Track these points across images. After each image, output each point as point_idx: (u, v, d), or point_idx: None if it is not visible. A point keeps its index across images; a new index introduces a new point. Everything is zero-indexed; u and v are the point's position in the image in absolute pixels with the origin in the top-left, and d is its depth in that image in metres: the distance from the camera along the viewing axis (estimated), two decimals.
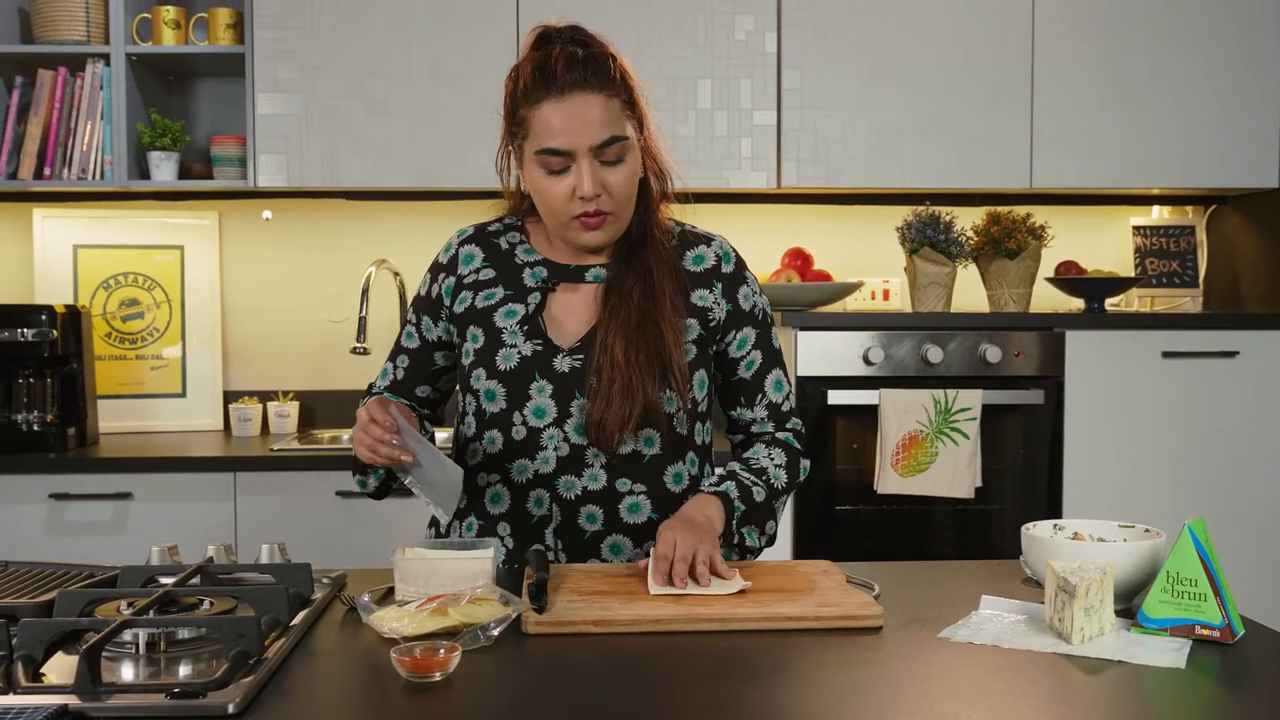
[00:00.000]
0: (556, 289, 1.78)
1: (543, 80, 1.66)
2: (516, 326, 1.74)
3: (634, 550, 1.77)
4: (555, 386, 1.72)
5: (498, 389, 1.74)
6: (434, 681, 1.24)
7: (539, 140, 1.67)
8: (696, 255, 1.82)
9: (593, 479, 1.74)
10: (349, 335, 3.37)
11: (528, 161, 1.71)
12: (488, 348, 1.75)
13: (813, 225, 3.56)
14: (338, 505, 2.91)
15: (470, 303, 1.79)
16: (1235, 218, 3.58)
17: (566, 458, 1.73)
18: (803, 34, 3.20)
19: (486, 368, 1.75)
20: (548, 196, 1.69)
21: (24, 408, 3.05)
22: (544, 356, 1.73)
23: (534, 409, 1.72)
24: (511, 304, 1.77)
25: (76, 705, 1.13)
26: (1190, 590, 1.41)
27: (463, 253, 1.83)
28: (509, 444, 1.75)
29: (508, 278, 1.79)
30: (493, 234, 1.86)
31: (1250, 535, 3.07)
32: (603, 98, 1.67)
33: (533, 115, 1.67)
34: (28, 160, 3.18)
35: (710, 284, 1.80)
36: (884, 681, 1.27)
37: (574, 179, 1.67)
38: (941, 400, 2.95)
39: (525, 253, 1.82)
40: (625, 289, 1.72)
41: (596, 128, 1.65)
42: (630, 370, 1.67)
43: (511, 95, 1.71)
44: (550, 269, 1.79)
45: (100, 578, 1.58)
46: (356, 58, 3.16)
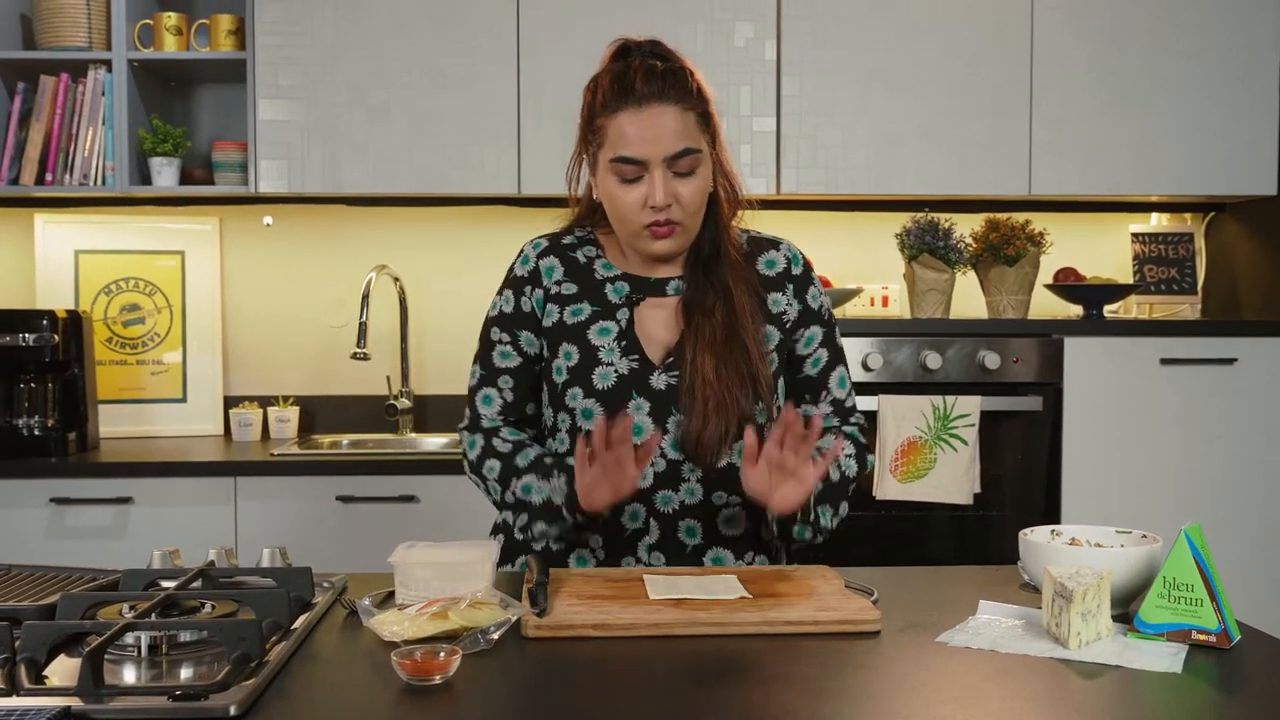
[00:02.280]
0: (641, 304, 1.80)
1: (621, 90, 1.70)
2: (614, 344, 1.76)
3: (735, 561, 1.79)
4: (652, 404, 1.74)
5: (595, 407, 1.74)
6: (434, 685, 1.25)
7: (614, 149, 1.69)
8: (768, 260, 1.85)
9: (689, 493, 1.76)
10: (349, 341, 3.38)
11: (601, 170, 1.73)
12: (583, 365, 1.75)
13: (812, 232, 3.56)
14: (338, 510, 2.91)
15: (558, 317, 1.79)
16: (1234, 225, 3.58)
17: (663, 473, 1.75)
18: (802, 41, 3.21)
19: (583, 386, 1.75)
20: (619, 204, 1.72)
21: (25, 412, 3.06)
22: (640, 374, 1.75)
23: (632, 426, 1.69)
24: (603, 321, 1.78)
25: (79, 707, 1.14)
26: (1187, 595, 1.42)
27: (543, 265, 1.82)
28: None
29: (591, 293, 1.80)
30: (568, 247, 1.84)
31: (1247, 541, 3.07)
32: (679, 110, 1.69)
33: (610, 124, 1.70)
34: (29, 166, 3.19)
35: (783, 287, 1.83)
36: (882, 686, 1.27)
37: (646, 188, 1.69)
38: (940, 406, 2.96)
39: (604, 267, 1.82)
40: (707, 306, 1.75)
41: (671, 139, 1.68)
42: (723, 387, 1.70)
43: (590, 104, 1.75)
44: (632, 283, 1.80)
45: (102, 581, 1.59)
46: (357, 64, 3.17)
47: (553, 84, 3.18)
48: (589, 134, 1.75)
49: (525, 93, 3.18)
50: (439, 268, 3.54)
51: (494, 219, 3.53)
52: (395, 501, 2.92)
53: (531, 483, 1.74)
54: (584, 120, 1.76)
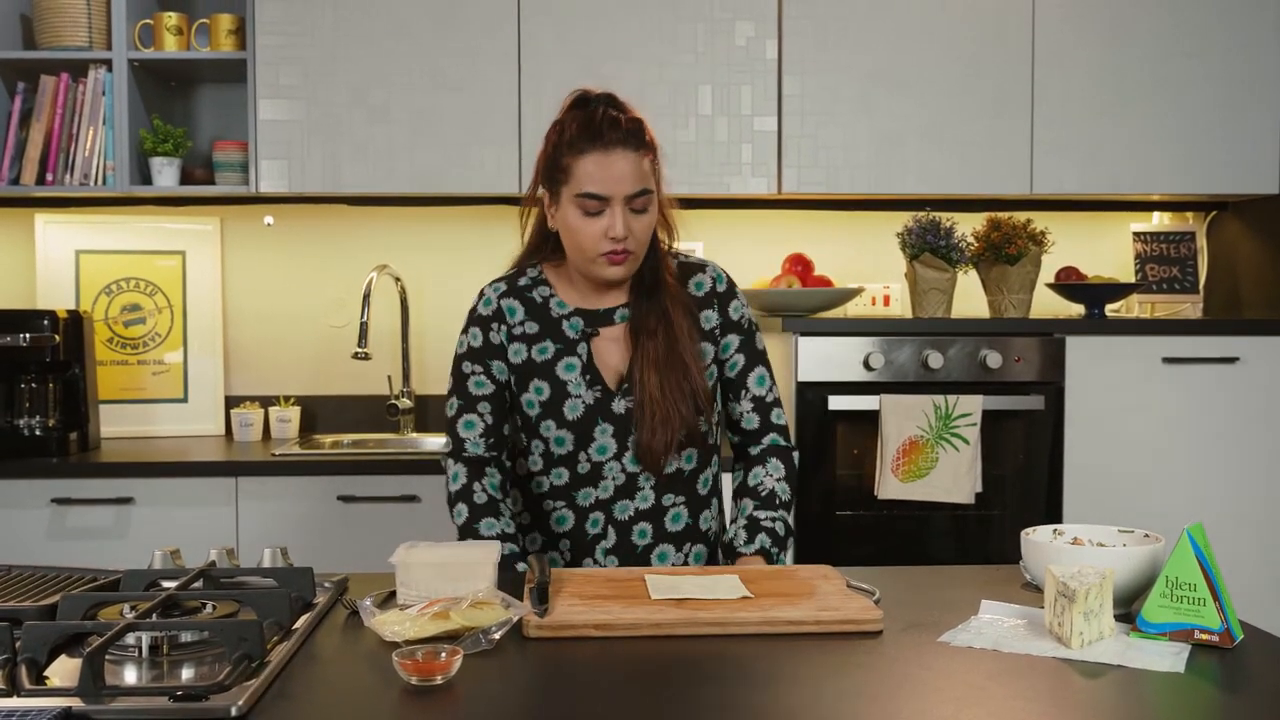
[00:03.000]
0: (595, 336, 1.99)
1: (589, 134, 1.89)
2: (579, 378, 1.96)
3: (676, 554, 2.00)
4: (615, 426, 1.95)
5: (566, 435, 1.95)
6: (436, 685, 1.25)
7: (580, 185, 1.88)
8: (697, 282, 2.05)
9: (643, 499, 1.98)
10: (350, 340, 3.38)
11: (565, 204, 1.92)
12: (554, 400, 1.95)
13: (813, 231, 3.56)
14: (339, 509, 2.91)
15: (526, 355, 1.98)
16: (1235, 223, 3.58)
17: (623, 485, 1.97)
18: (803, 40, 3.21)
19: (555, 418, 1.95)
20: (581, 235, 1.91)
21: (26, 413, 3.06)
22: (603, 402, 1.95)
23: (597, 448, 1.95)
24: (567, 357, 1.97)
25: (80, 708, 1.14)
26: (1189, 595, 1.42)
27: (504, 305, 2.00)
28: (575, 477, 1.97)
29: (551, 330, 1.99)
30: (525, 288, 2.02)
31: (1250, 540, 3.07)
32: (637, 156, 1.90)
33: (576, 163, 1.89)
34: (30, 166, 3.19)
35: (711, 304, 2.04)
36: (884, 685, 1.27)
37: (607, 221, 1.89)
38: (942, 406, 2.96)
39: (558, 305, 2.00)
40: (650, 328, 1.96)
41: (631, 181, 1.88)
42: (667, 402, 1.91)
43: (555, 145, 1.93)
44: (585, 317, 1.99)
45: (103, 581, 1.59)
46: (358, 64, 3.17)
47: (553, 83, 3.18)
48: (555, 172, 1.93)
49: (526, 92, 3.18)
50: (440, 267, 3.54)
51: (495, 219, 3.53)
52: (396, 501, 2.92)
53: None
54: (547, 159, 1.95)
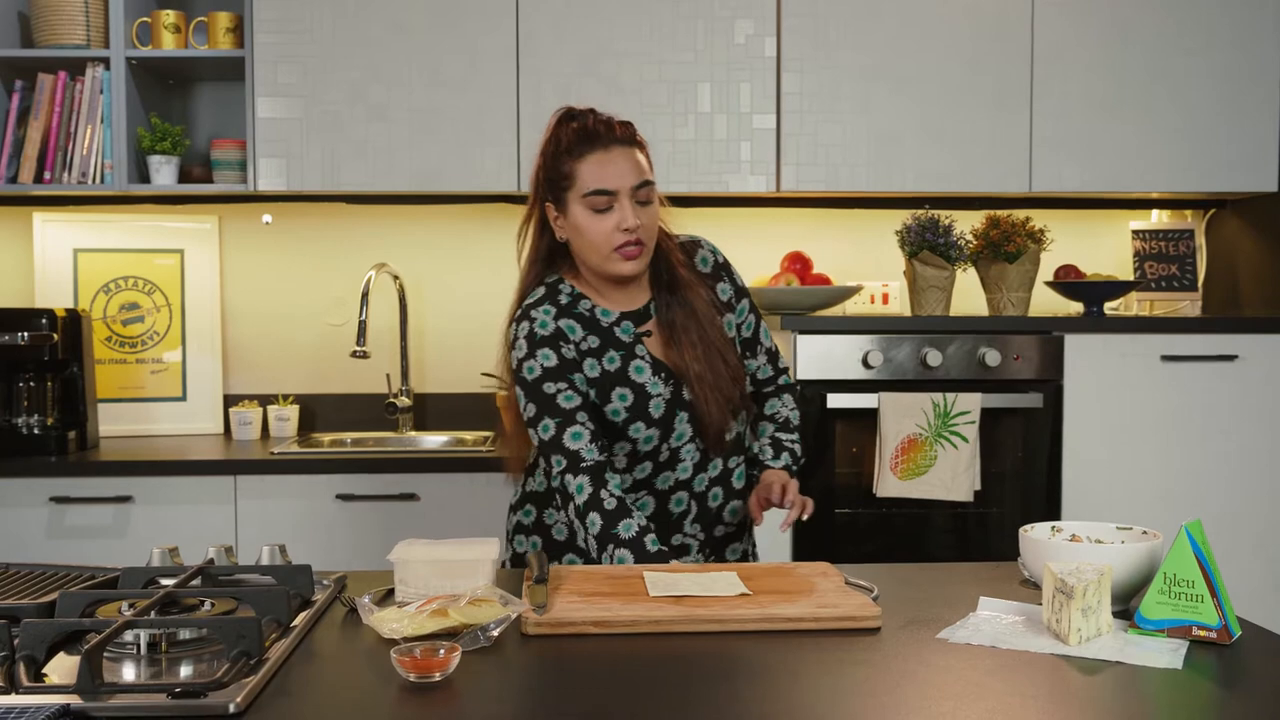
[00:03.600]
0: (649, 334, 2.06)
1: (586, 138, 1.98)
2: (654, 378, 2.03)
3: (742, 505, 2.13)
4: (689, 413, 2.04)
5: (654, 432, 2.02)
6: (434, 682, 1.25)
7: (587, 185, 1.96)
8: (701, 258, 2.14)
9: (714, 468, 2.09)
10: (349, 339, 3.38)
11: (573, 208, 1.99)
12: (639, 403, 2.01)
13: (812, 229, 3.56)
14: (338, 508, 2.91)
15: (600, 369, 2.02)
16: (1234, 221, 3.58)
17: (699, 461, 2.07)
18: (802, 38, 3.21)
19: (643, 419, 2.01)
20: (593, 234, 1.98)
21: (24, 411, 3.06)
22: (676, 393, 2.03)
23: (676, 435, 2.04)
24: (634, 360, 2.04)
25: (78, 705, 1.14)
26: (1187, 591, 1.42)
27: (563, 325, 2.03)
28: (656, 465, 2.05)
29: (610, 341, 2.04)
30: (568, 306, 2.05)
31: (1247, 537, 3.07)
32: (635, 150, 2.00)
33: (579, 166, 1.98)
34: (28, 164, 3.19)
35: (720, 277, 2.15)
36: (882, 682, 1.27)
37: (617, 215, 1.96)
38: (940, 404, 2.96)
39: (604, 315, 2.06)
40: (681, 322, 2.05)
41: (634, 173, 1.98)
42: (718, 384, 2.03)
43: (553, 155, 2.01)
44: (630, 318, 2.07)
45: (101, 579, 1.59)
46: (356, 62, 3.17)
47: (552, 82, 3.18)
48: (558, 180, 2.00)
49: (525, 90, 3.18)
50: (439, 266, 3.54)
51: (494, 217, 3.53)
52: (395, 500, 2.92)
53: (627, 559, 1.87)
54: (547, 171, 2.02)
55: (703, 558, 2.09)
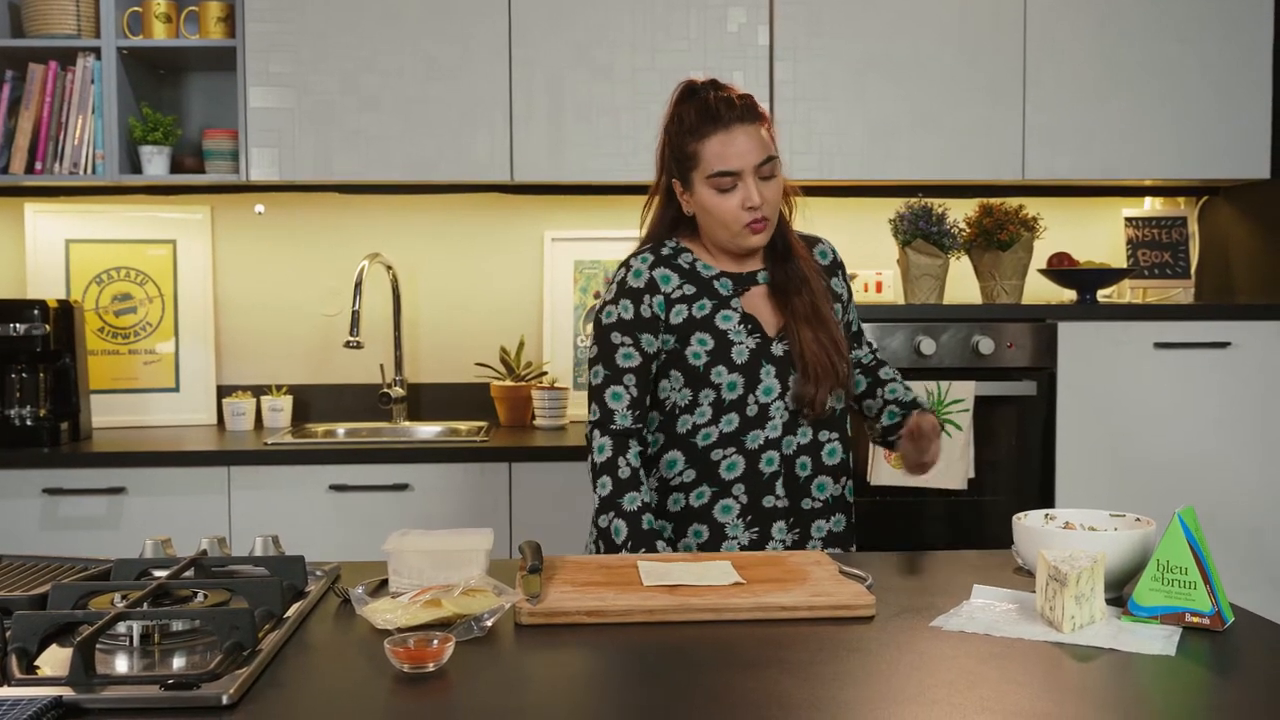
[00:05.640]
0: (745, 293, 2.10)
1: (709, 118, 2.03)
2: (739, 326, 2.06)
3: (834, 485, 2.11)
4: (776, 368, 2.06)
5: (737, 379, 2.04)
6: (428, 672, 1.25)
7: (711, 166, 2.02)
8: (820, 251, 2.23)
9: (804, 434, 2.08)
10: (342, 329, 3.37)
11: (699, 187, 2.04)
12: (720, 347, 2.04)
13: (805, 217, 3.55)
14: (331, 499, 2.91)
15: (688, 314, 2.06)
16: (1227, 209, 3.58)
17: (788, 422, 2.06)
18: (795, 26, 3.20)
19: (725, 364, 2.04)
20: (720, 212, 2.04)
21: (17, 403, 3.05)
22: (764, 346, 2.06)
23: (764, 389, 2.05)
24: (723, 310, 2.07)
25: (71, 697, 1.13)
26: (1180, 578, 1.42)
27: (657, 275, 2.08)
28: (744, 420, 2.05)
29: (706, 290, 2.08)
30: (669, 257, 2.10)
31: (1240, 524, 3.08)
32: (756, 128, 2.04)
33: (702, 147, 2.03)
34: (19, 155, 3.17)
35: (835, 273, 2.23)
36: (877, 670, 1.27)
37: (742, 194, 2.02)
38: (934, 392, 2.96)
39: (704, 268, 2.11)
40: (795, 288, 2.10)
41: (756, 151, 2.02)
42: (822, 352, 2.05)
43: (676, 135, 2.07)
44: (732, 279, 2.10)
45: (94, 571, 1.59)
46: (349, 51, 3.16)
47: (544, 71, 3.17)
48: (683, 160, 2.06)
49: (517, 79, 3.17)
50: (432, 255, 3.54)
51: (487, 206, 3.52)
52: (389, 490, 2.92)
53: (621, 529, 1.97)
54: (670, 150, 2.08)
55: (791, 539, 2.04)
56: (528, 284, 3.55)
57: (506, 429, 3.32)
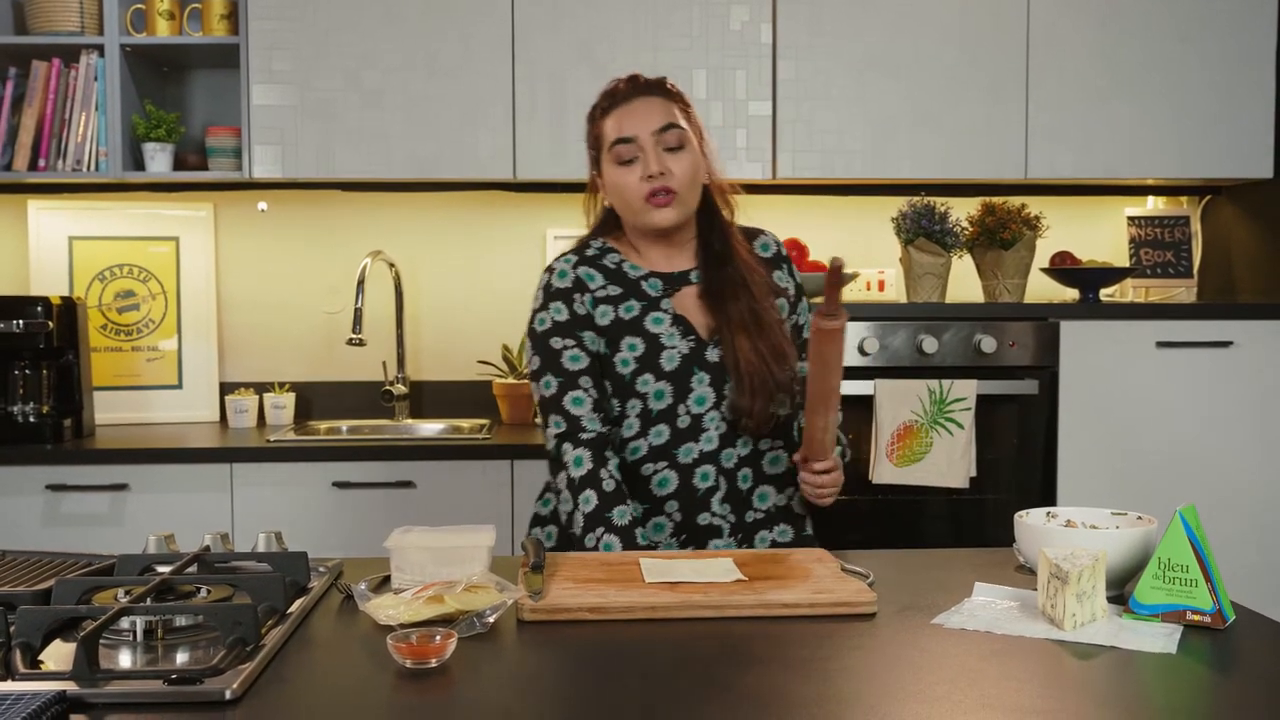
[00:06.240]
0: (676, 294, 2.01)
1: (611, 98, 2.01)
2: (671, 329, 1.97)
3: (776, 495, 2.03)
4: (711, 375, 1.96)
5: (665, 388, 1.95)
6: (430, 668, 1.25)
7: (610, 137, 1.96)
8: (763, 244, 2.13)
9: (744, 445, 1.99)
10: (345, 326, 3.38)
11: (605, 166, 1.99)
12: (649, 353, 1.95)
13: (808, 216, 3.56)
14: (334, 495, 2.91)
15: (614, 315, 1.98)
16: (1230, 208, 3.58)
17: (725, 433, 1.97)
18: (798, 25, 3.20)
19: (652, 371, 1.95)
20: (622, 186, 1.96)
21: (20, 399, 3.05)
22: (698, 351, 1.96)
23: (696, 399, 1.95)
24: (653, 312, 1.98)
25: (75, 691, 1.14)
26: (1181, 576, 1.42)
27: (581, 273, 2.01)
28: (675, 433, 1.95)
29: (633, 291, 2.00)
30: (594, 257, 2.04)
31: (1242, 523, 3.08)
32: (660, 99, 1.98)
33: (605, 124, 1.99)
34: (22, 152, 3.18)
35: (780, 266, 2.11)
36: (878, 667, 1.28)
37: (641, 164, 1.94)
38: (936, 390, 2.96)
39: (632, 269, 2.03)
40: (730, 293, 1.98)
41: (656, 117, 1.95)
42: (761, 363, 1.93)
43: (590, 122, 2.04)
44: (662, 278, 2.02)
45: (97, 566, 1.59)
46: (351, 49, 3.16)
47: (548, 69, 3.17)
48: (592, 145, 2.02)
49: (520, 77, 3.17)
50: (434, 253, 3.54)
51: (489, 204, 3.52)
52: (391, 487, 2.92)
53: (614, 545, 1.87)
54: (588, 140, 2.04)
55: (734, 542, 1.98)
56: (530, 282, 3.49)
57: (508, 426, 3.32)
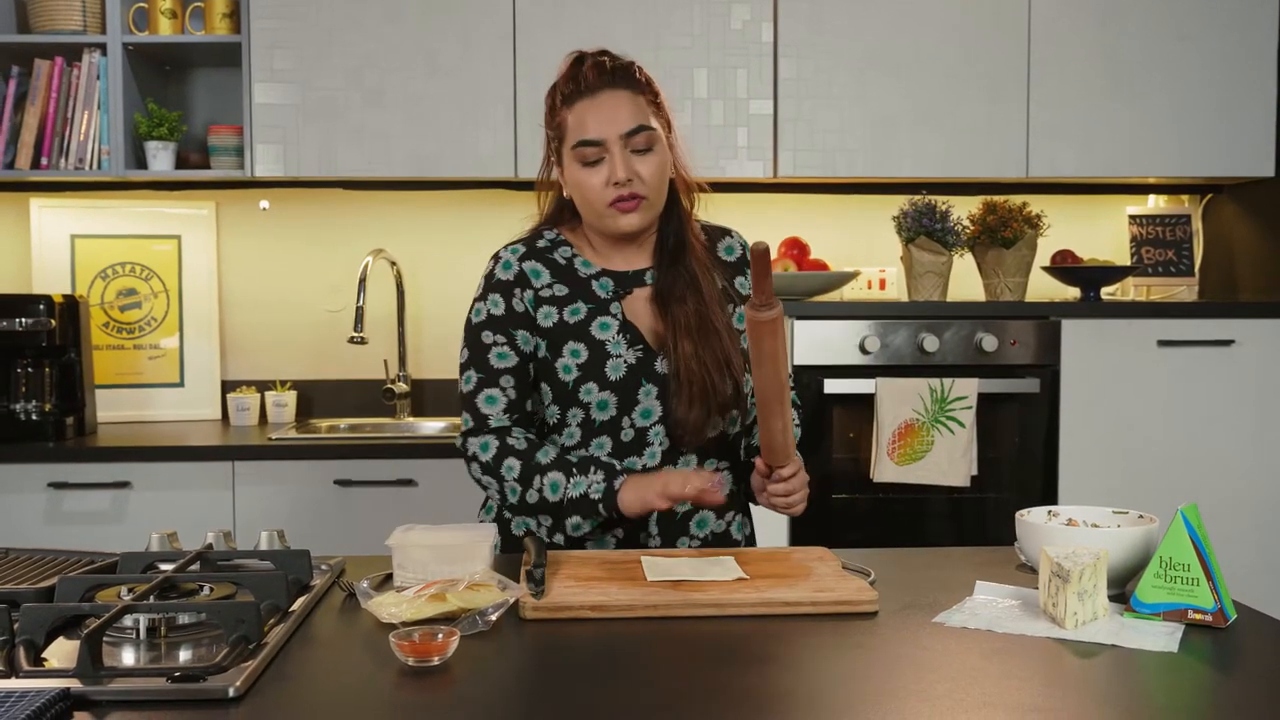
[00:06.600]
0: (627, 296, 1.88)
1: (575, 85, 1.83)
2: (618, 336, 1.84)
3: (716, 521, 1.91)
4: (659, 388, 1.83)
5: (609, 398, 1.82)
6: (432, 666, 1.25)
7: (574, 136, 1.81)
8: (727, 246, 1.99)
9: (686, 464, 1.87)
10: (346, 325, 3.38)
11: (567, 161, 1.84)
12: (593, 360, 1.82)
13: (809, 215, 3.56)
14: (335, 493, 2.92)
15: (558, 318, 1.86)
16: (1231, 206, 3.58)
17: (668, 450, 1.86)
18: (799, 23, 3.20)
19: (597, 380, 1.82)
20: (585, 188, 1.82)
21: (22, 397, 3.05)
22: (646, 361, 1.84)
23: (641, 411, 1.84)
24: (601, 316, 1.86)
25: (78, 689, 1.14)
26: (1183, 575, 1.42)
27: (527, 268, 1.88)
28: (618, 445, 1.85)
29: (582, 291, 1.87)
30: (544, 250, 1.90)
31: (1243, 521, 3.08)
32: (629, 94, 1.83)
33: (568, 116, 1.83)
34: (25, 150, 3.18)
35: (744, 271, 1.97)
36: (879, 665, 1.28)
37: (608, 168, 1.80)
38: (937, 389, 2.96)
39: (584, 265, 1.90)
40: (678, 294, 1.85)
41: (625, 118, 1.80)
42: (703, 371, 1.81)
43: (550, 106, 1.87)
44: (614, 278, 1.89)
45: (100, 564, 1.59)
46: (353, 48, 3.16)
47: (549, 67, 3.13)
48: (552, 131, 1.87)
49: (521, 75, 3.17)
50: (436, 251, 3.54)
51: (491, 202, 3.52)
52: (393, 485, 2.92)
53: (559, 480, 1.78)
54: (547, 122, 1.89)
55: None
56: None
57: None
